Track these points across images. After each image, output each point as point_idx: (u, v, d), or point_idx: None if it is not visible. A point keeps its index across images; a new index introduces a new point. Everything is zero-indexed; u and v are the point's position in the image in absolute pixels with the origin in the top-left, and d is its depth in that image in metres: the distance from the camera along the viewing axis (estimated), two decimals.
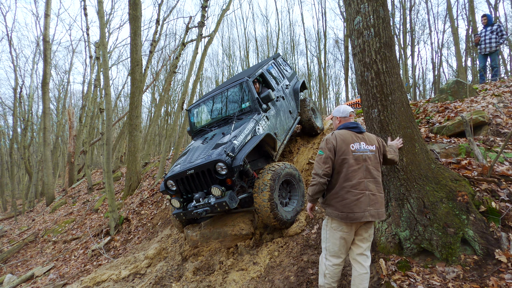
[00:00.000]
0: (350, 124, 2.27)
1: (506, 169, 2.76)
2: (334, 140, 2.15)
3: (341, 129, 2.27)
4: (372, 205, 2.07)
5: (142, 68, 8.62)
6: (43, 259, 6.60)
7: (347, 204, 2.06)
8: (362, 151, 2.14)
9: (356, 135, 2.21)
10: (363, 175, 2.10)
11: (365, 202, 2.05)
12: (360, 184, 2.08)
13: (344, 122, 2.34)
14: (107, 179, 6.23)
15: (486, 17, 6.35)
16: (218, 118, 4.66)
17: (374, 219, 2.08)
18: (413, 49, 21.32)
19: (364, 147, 2.16)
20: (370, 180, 2.11)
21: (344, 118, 2.37)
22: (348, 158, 2.10)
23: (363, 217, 2.04)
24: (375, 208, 2.08)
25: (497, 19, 15.26)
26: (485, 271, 2.20)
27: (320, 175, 2.11)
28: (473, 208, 2.46)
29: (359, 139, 2.18)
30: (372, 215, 2.06)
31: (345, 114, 2.37)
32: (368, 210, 2.05)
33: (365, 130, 2.28)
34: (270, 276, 3.01)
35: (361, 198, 2.05)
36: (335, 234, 2.16)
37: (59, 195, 12.79)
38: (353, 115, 2.41)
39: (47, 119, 12.18)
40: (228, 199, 3.22)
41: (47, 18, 11.95)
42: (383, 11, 2.79)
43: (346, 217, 2.06)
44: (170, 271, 3.78)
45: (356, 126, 2.25)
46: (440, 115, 4.10)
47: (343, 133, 2.19)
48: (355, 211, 2.04)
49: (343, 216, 2.07)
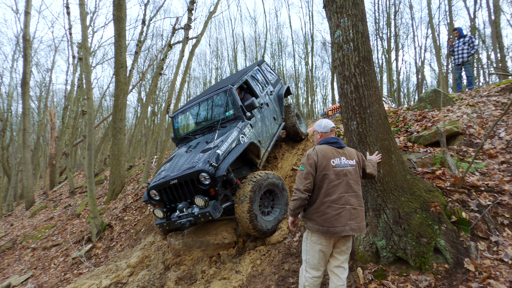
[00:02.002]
0: (331, 139, 2.30)
1: (476, 180, 2.89)
2: (315, 156, 2.18)
3: (322, 144, 2.31)
4: (353, 219, 2.11)
5: (126, 70, 8.48)
6: (21, 267, 6.38)
7: (328, 218, 2.09)
8: (343, 166, 2.18)
9: (336, 150, 2.24)
10: (344, 190, 2.13)
11: (345, 216, 2.09)
12: (341, 198, 2.11)
13: (325, 137, 2.37)
14: (89, 185, 6.10)
15: (457, 30, 6.72)
16: (202, 125, 4.65)
17: (355, 233, 2.11)
18: (397, 53, 21.87)
19: (345, 162, 2.19)
20: (351, 195, 2.15)
21: (325, 133, 2.39)
22: (329, 173, 2.13)
23: (344, 231, 2.07)
24: (356, 222, 2.12)
25: (476, 29, 15.87)
26: (454, 280, 2.30)
27: (301, 190, 2.14)
28: (445, 219, 2.57)
29: (340, 154, 2.22)
30: (353, 229, 2.10)
31: (326, 130, 2.39)
32: (348, 224, 2.08)
33: (345, 145, 2.32)
34: (252, 286, 3.04)
35: (342, 213, 2.09)
36: (315, 247, 2.20)
37: (39, 198, 12.39)
38: (334, 130, 2.43)
39: (27, 120, 11.77)
40: (212, 209, 3.23)
41: (27, 16, 11.56)
42: (362, 26, 2.87)
43: (327, 231, 2.09)
44: (152, 280, 3.75)
45: (336, 141, 2.29)
46: (418, 124, 4.24)
47: (324, 149, 2.23)
48: (336, 225, 2.07)
49: (323, 231, 2.10)
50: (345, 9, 2.85)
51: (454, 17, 13.27)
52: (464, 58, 6.50)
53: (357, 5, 2.86)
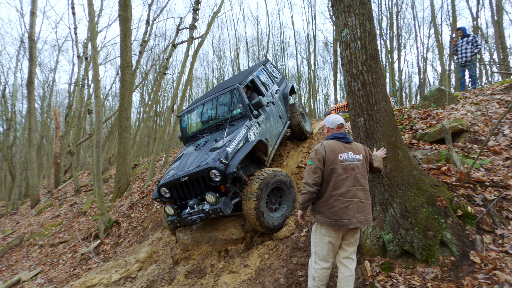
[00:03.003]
0: (339, 135, 2.38)
1: (481, 175, 2.95)
2: (323, 151, 2.26)
3: (330, 139, 2.38)
4: (360, 212, 2.18)
5: (132, 69, 8.57)
6: (29, 264, 6.48)
7: (336, 211, 2.17)
8: (350, 160, 2.25)
9: (344, 145, 2.31)
10: (352, 184, 2.20)
11: (353, 209, 2.17)
12: (349, 192, 2.18)
13: (333, 132, 2.45)
14: (97, 182, 6.19)
15: (460, 30, 6.74)
16: (209, 124, 4.73)
17: (362, 225, 2.19)
18: (399, 53, 21.90)
19: (352, 157, 2.27)
20: (358, 188, 2.22)
21: (332, 129, 2.47)
22: (336, 167, 2.21)
23: (351, 223, 2.15)
24: (363, 215, 2.20)
25: (479, 28, 15.89)
26: (461, 272, 2.36)
27: (310, 184, 2.22)
28: (451, 212, 2.63)
29: (347, 149, 2.29)
30: (360, 221, 2.18)
31: (333, 126, 2.46)
32: (356, 216, 2.16)
33: (352, 140, 2.40)
34: (261, 279, 3.11)
35: (350, 206, 2.17)
36: (324, 239, 2.28)
37: (44, 197, 12.50)
38: (342, 127, 2.49)
39: (32, 119, 11.90)
40: (223, 205, 3.30)
41: (33, 16, 11.69)
42: (369, 25, 2.94)
43: (335, 224, 2.17)
44: (161, 275, 3.82)
45: (344, 136, 2.36)
46: (423, 122, 4.30)
47: (332, 144, 2.30)
48: (344, 218, 2.15)
49: (332, 223, 2.18)
50: (352, 8, 2.92)
51: (456, 17, 13.28)
52: (468, 58, 6.53)
53: (365, 4, 2.93)
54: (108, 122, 21.18)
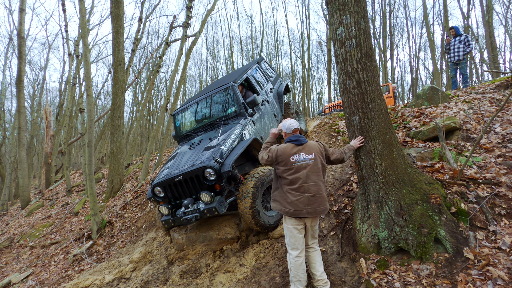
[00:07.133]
0: (293, 137, 2.71)
1: (474, 173, 2.99)
2: (275, 152, 2.66)
3: (286, 143, 2.71)
4: (310, 205, 2.53)
5: (124, 67, 8.45)
6: (20, 265, 6.35)
7: (290, 203, 2.55)
8: (302, 160, 2.59)
9: (296, 147, 2.64)
10: (304, 180, 2.54)
11: (304, 202, 2.52)
12: (301, 188, 2.53)
13: (289, 136, 2.77)
14: (89, 182, 6.09)
15: (453, 29, 6.84)
16: (204, 123, 4.69)
17: (311, 215, 2.54)
18: (392, 52, 22.11)
19: (304, 157, 2.60)
20: (310, 184, 2.55)
21: (288, 134, 2.79)
22: (290, 167, 2.57)
23: (301, 213, 2.52)
24: (313, 207, 2.54)
25: (469, 28, 16.13)
26: (455, 268, 2.39)
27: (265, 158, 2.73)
28: (445, 210, 2.65)
29: (299, 151, 2.62)
30: (309, 212, 2.53)
31: (289, 130, 2.78)
32: (306, 208, 2.52)
33: (306, 141, 2.70)
34: (257, 277, 3.10)
35: (301, 199, 2.53)
36: (289, 228, 2.62)
37: (35, 197, 12.27)
38: (297, 131, 2.80)
39: (22, 118, 11.66)
40: (218, 204, 3.28)
41: (22, 13, 11.43)
42: (364, 23, 2.93)
43: (288, 212, 2.55)
44: (156, 275, 3.78)
45: (297, 139, 2.68)
46: (416, 120, 4.34)
47: (285, 147, 2.65)
48: (295, 208, 2.53)
49: (285, 211, 2.57)
50: (347, 6, 2.91)
51: (448, 16, 13.45)
52: (460, 57, 6.63)
53: (359, 3, 2.92)
54: (100, 121, 20.92)
